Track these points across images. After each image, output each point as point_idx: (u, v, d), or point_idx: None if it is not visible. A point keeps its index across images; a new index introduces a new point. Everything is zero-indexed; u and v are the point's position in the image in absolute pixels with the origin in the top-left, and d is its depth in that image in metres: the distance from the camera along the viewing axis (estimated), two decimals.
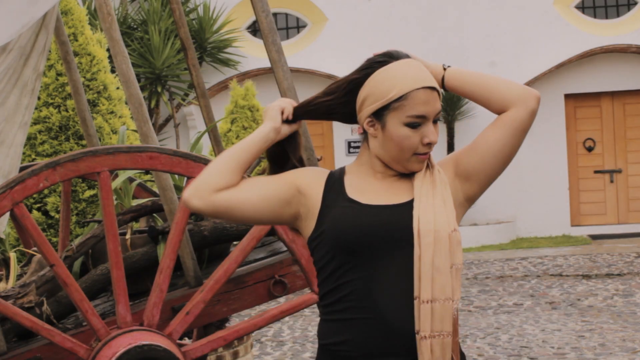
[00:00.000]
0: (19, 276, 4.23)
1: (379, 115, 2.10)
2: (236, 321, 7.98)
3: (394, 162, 2.14)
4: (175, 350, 3.46)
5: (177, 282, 3.85)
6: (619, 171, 15.37)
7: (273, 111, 2.17)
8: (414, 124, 2.08)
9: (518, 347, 7.28)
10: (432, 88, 2.09)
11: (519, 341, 7.48)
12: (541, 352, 7.08)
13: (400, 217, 2.08)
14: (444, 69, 2.19)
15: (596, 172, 15.42)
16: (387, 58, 2.12)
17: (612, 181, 15.38)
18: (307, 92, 16.67)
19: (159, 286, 3.51)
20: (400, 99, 2.07)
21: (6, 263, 4.19)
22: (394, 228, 2.06)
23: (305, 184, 2.17)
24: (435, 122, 2.12)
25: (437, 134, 2.12)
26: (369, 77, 2.11)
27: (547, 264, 11.88)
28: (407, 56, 2.13)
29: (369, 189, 2.15)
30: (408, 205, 2.10)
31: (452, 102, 14.83)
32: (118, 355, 3.36)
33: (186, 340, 4.71)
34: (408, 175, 2.17)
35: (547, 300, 9.35)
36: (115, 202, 3.92)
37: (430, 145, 2.10)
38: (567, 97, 15.37)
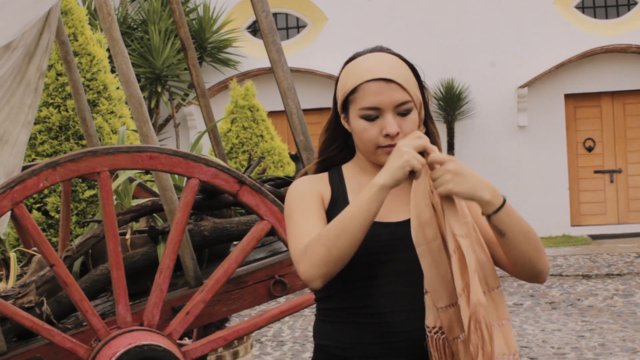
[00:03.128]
0: (19, 276, 4.23)
1: (346, 110, 2.12)
2: (236, 321, 7.98)
3: (367, 156, 2.13)
4: (175, 350, 3.45)
5: (177, 282, 3.85)
6: (619, 171, 15.37)
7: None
8: (369, 116, 2.06)
9: (518, 347, 7.28)
10: (386, 79, 2.04)
11: (519, 341, 7.47)
12: (541, 352, 7.08)
13: (399, 238, 2.05)
14: (504, 201, 1.97)
15: (596, 172, 15.42)
16: (356, 55, 2.13)
17: (612, 181, 15.38)
18: (307, 92, 16.57)
19: (159, 286, 3.51)
20: (353, 92, 2.08)
21: (6, 263, 4.18)
22: (393, 250, 2.04)
23: (323, 193, 2.14)
24: (403, 114, 2.05)
25: (412, 125, 2.06)
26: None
27: None
28: (379, 50, 2.11)
29: None
30: (407, 226, 2.04)
31: (452, 102, 14.82)
32: (118, 355, 3.35)
33: (186, 340, 4.71)
34: None
35: (547, 300, 9.35)
36: (115, 202, 3.92)
37: (389, 136, 2.05)
38: (567, 97, 15.37)
